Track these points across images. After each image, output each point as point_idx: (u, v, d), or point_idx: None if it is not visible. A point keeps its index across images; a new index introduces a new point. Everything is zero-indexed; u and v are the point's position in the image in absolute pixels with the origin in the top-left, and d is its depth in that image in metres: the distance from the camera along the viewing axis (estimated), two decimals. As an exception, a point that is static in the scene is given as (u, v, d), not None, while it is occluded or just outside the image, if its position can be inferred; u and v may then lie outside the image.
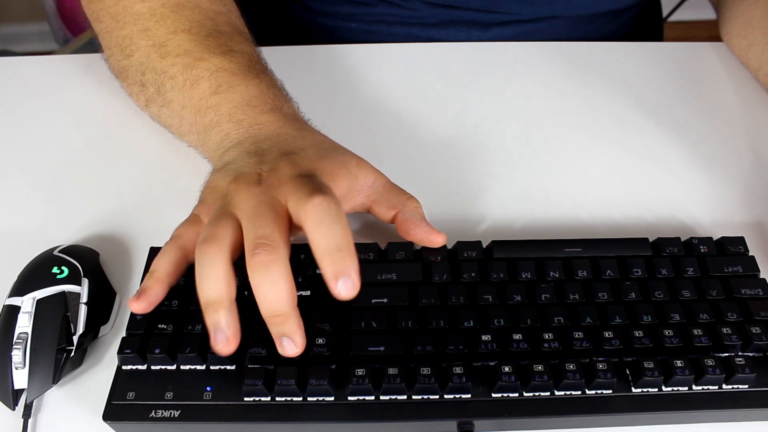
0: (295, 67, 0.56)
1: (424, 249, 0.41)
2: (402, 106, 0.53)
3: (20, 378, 0.37)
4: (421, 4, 0.60)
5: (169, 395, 0.36)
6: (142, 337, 0.37)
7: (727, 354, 0.37)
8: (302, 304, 0.39)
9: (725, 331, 0.37)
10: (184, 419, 0.35)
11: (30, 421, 0.37)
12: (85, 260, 0.41)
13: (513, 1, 0.59)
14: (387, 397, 0.36)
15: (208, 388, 0.36)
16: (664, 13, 0.78)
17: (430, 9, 0.60)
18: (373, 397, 0.36)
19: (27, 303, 0.38)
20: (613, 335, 0.37)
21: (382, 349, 0.37)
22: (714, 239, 0.42)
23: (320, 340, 0.37)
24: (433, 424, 0.36)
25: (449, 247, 0.41)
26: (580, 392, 0.36)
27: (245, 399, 0.36)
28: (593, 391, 0.36)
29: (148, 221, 0.46)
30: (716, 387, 0.36)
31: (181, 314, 0.38)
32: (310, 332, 0.37)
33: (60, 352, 0.37)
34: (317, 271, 0.40)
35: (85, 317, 0.39)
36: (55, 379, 0.37)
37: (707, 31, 0.63)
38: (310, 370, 0.36)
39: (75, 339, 0.38)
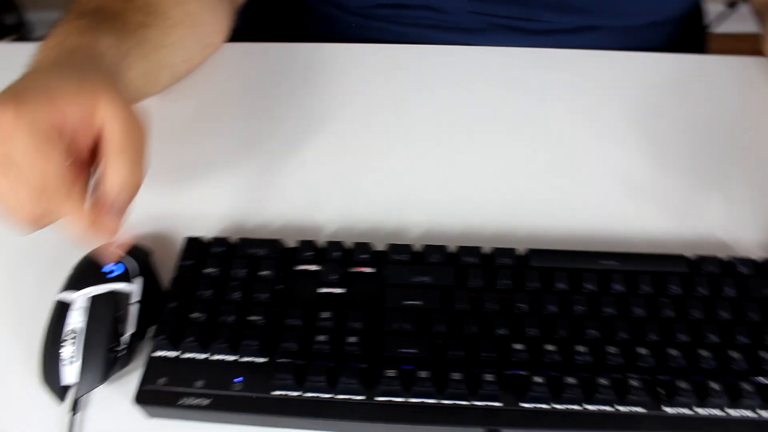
0: (328, 64, 0.56)
1: (461, 251, 0.41)
2: (437, 109, 0.53)
3: (70, 374, 0.37)
4: (460, 10, 0.59)
5: (199, 383, 0.36)
6: (175, 324, 0.37)
7: (765, 379, 0.36)
8: (336, 302, 0.39)
9: (764, 356, 0.36)
10: (213, 408, 0.36)
11: (76, 416, 0.37)
12: (137, 258, 0.41)
13: (550, 10, 0.58)
14: (416, 400, 0.36)
15: (238, 379, 0.36)
16: (708, 25, 0.76)
17: (469, 15, 0.59)
18: (402, 399, 0.36)
19: (81, 299, 0.38)
20: (647, 352, 0.37)
21: (414, 351, 0.36)
22: (756, 260, 0.41)
23: (352, 339, 0.37)
24: (461, 430, 0.36)
25: (487, 252, 0.41)
26: (611, 408, 0.36)
27: (275, 392, 0.36)
28: (625, 408, 0.35)
29: (188, 214, 0.46)
30: (751, 412, 0.35)
31: (215, 304, 0.38)
32: (344, 331, 0.37)
33: (111, 351, 0.37)
34: (351, 270, 0.40)
35: (136, 317, 0.38)
36: (105, 377, 0.37)
37: (751, 44, 0.62)
38: (341, 368, 0.36)
39: (126, 338, 0.38)
